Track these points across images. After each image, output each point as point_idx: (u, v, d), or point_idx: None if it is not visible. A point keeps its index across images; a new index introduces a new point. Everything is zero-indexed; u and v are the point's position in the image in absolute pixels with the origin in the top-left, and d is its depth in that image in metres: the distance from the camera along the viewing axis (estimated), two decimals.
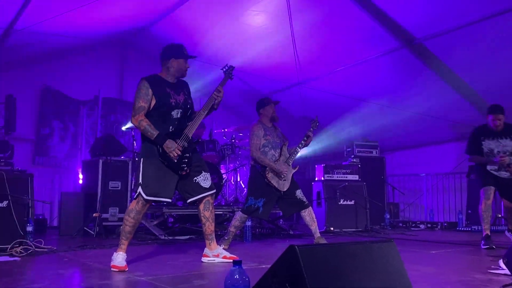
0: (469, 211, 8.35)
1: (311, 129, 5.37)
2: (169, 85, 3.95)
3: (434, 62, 7.52)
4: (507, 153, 5.34)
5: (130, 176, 7.01)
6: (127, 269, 3.61)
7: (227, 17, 7.84)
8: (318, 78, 9.00)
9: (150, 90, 3.82)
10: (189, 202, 4.05)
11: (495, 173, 5.40)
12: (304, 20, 7.43)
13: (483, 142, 5.50)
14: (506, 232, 5.70)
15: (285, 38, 7.62)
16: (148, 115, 3.83)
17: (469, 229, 7.71)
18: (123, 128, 8.87)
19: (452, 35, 6.87)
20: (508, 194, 5.41)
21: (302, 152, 5.46)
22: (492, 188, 5.36)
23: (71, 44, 8.48)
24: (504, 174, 5.36)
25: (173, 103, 3.89)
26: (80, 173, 7.99)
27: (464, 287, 2.88)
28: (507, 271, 3.15)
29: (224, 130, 8.61)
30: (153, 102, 3.84)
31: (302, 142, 5.32)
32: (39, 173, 8.32)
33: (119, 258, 3.68)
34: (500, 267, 3.41)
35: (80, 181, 7.90)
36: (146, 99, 3.80)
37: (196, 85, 8.91)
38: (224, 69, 4.30)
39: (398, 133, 9.44)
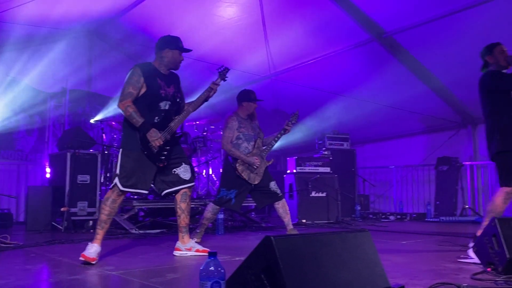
0: (437, 202, 8.52)
1: (290, 122, 5.33)
2: (160, 76, 3.94)
3: (404, 55, 7.61)
4: None
5: (99, 170, 6.88)
6: (94, 262, 3.54)
7: (198, 8, 7.74)
8: (290, 71, 9.00)
9: (142, 78, 3.81)
10: (164, 194, 4.00)
11: None
12: (275, 12, 7.41)
13: None
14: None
15: (256, 30, 7.60)
16: (136, 102, 3.80)
17: (438, 219, 7.86)
18: (92, 120, 8.69)
19: (422, 29, 6.96)
20: None
21: (275, 145, 5.43)
22: None
23: (38, 34, 8.24)
24: None
25: (162, 94, 3.89)
26: (48, 166, 7.79)
27: (435, 276, 2.91)
28: (476, 260, 3.21)
29: (196, 122, 8.52)
30: (143, 90, 3.83)
31: (279, 135, 5.29)
32: (5, 167, 8.14)
33: (92, 249, 3.62)
34: (469, 256, 3.46)
35: (48, 175, 7.71)
36: (136, 86, 3.79)
37: None
38: (220, 70, 4.36)
39: (368, 125, 9.55)
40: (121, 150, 3.87)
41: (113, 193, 3.81)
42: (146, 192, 3.96)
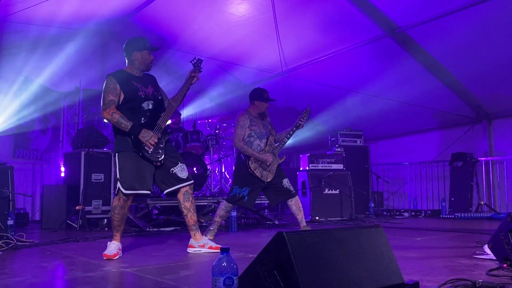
0: (452, 199, 8.44)
1: (302, 118, 5.30)
2: (135, 79, 3.95)
3: (417, 51, 7.54)
4: None
5: (113, 168, 6.91)
6: (115, 258, 3.67)
7: (210, 6, 7.76)
8: (302, 68, 8.97)
9: (117, 85, 3.82)
10: (166, 193, 4.02)
11: None
12: (287, 9, 7.39)
13: None
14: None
15: (268, 27, 7.58)
16: (118, 109, 3.81)
17: (452, 216, 7.79)
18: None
19: (435, 23, 6.89)
20: None
21: (287, 142, 5.40)
22: None
23: (51, 34, 8.31)
24: None
25: (142, 95, 3.89)
26: (62, 165, 7.87)
27: (450, 273, 2.88)
28: (492, 256, 3.16)
29: (208, 120, 8.54)
30: (122, 97, 3.83)
31: (291, 132, 5.26)
32: (20, 166, 8.23)
33: (111, 247, 3.77)
34: (485, 252, 3.42)
35: (62, 174, 7.78)
36: (115, 93, 3.80)
37: (177, 75, 8.86)
38: (193, 62, 4.27)
39: (382, 122, 9.49)
40: (116, 154, 3.87)
41: (119, 200, 3.85)
42: (148, 192, 3.95)
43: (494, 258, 3.11)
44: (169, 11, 8.11)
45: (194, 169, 6.99)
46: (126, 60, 4.02)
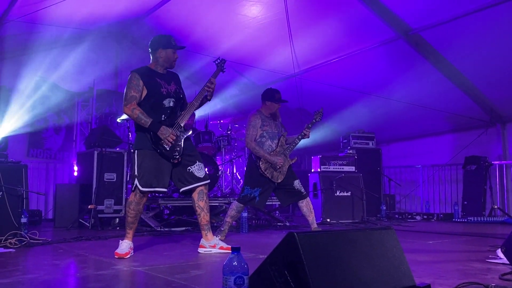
0: (465, 202, 8.35)
1: (314, 120, 5.29)
2: (159, 76, 3.98)
3: (431, 53, 7.48)
4: None
5: (125, 168, 6.97)
6: (127, 257, 3.71)
7: (223, 8, 7.77)
8: (314, 69, 8.95)
9: (140, 81, 3.86)
10: (182, 191, 4.05)
11: None
12: (300, 10, 7.38)
13: None
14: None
15: (281, 29, 7.58)
16: (140, 105, 3.86)
17: (465, 220, 7.72)
18: (118, 120, 8.80)
19: (449, 26, 6.83)
20: None
21: (299, 144, 5.39)
22: None
23: (65, 35, 8.39)
24: None
25: (164, 92, 3.92)
26: (75, 165, 7.93)
27: (462, 276, 2.86)
28: (505, 260, 3.13)
29: (220, 121, 8.55)
30: (144, 93, 3.88)
31: (302, 133, 5.25)
32: (34, 166, 8.31)
33: (123, 245, 3.81)
34: (498, 256, 3.39)
35: (75, 173, 7.85)
36: (137, 89, 3.84)
37: (187, 74, 8.90)
38: (217, 62, 4.33)
39: (394, 124, 9.43)
40: (136, 151, 3.93)
41: (136, 196, 3.89)
42: (165, 190, 3.99)
43: (507, 262, 3.08)
44: (182, 12, 8.14)
45: (206, 169, 6.98)
46: (151, 57, 4.06)
